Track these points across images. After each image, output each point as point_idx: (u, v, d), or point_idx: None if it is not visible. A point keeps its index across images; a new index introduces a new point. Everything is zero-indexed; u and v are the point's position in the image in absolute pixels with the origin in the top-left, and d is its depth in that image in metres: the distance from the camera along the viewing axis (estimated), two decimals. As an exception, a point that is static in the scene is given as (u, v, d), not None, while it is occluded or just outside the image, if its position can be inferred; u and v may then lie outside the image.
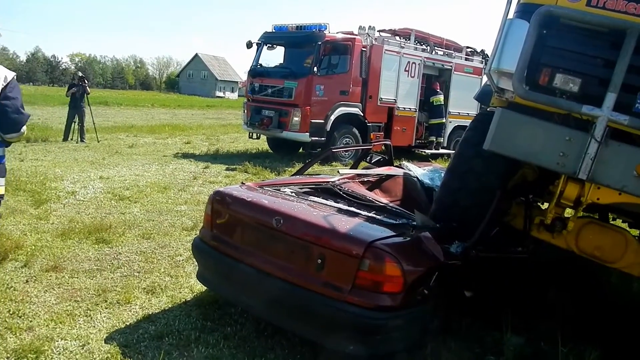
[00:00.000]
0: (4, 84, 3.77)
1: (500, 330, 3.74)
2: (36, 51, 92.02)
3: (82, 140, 13.76)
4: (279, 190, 4.09)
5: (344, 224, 3.40)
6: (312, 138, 12.38)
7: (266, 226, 3.50)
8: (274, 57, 14.25)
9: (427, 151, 15.06)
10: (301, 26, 13.10)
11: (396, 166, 5.74)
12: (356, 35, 13.23)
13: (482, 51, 16.69)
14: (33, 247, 5.15)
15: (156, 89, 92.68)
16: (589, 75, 3.12)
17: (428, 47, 15.11)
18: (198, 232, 5.86)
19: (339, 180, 4.51)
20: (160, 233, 6.05)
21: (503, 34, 3.43)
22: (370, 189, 4.71)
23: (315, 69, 12.15)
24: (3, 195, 4.06)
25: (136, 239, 5.78)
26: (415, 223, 3.68)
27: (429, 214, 4.18)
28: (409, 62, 14.18)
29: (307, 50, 12.76)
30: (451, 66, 15.44)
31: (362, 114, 13.24)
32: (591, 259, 3.86)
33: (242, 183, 4.19)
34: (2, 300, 3.95)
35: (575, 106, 3.02)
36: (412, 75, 14.38)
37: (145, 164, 10.83)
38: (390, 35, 14.63)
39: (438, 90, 15.09)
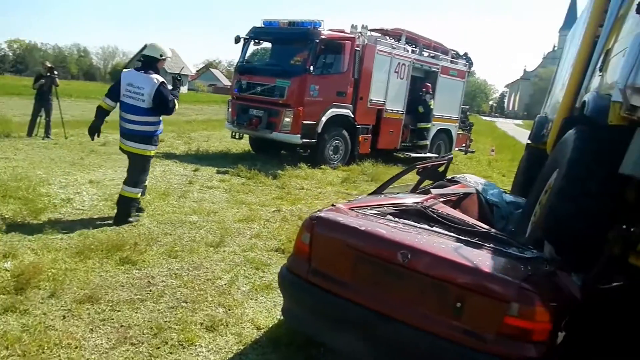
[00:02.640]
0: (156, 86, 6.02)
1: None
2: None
3: (47, 136, 12.59)
4: (373, 213, 3.56)
5: (481, 259, 2.94)
6: (303, 140, 11.82)
7: (388, 261, 2.98)
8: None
9: (411, 154, 14.79)
10: (294, 22, 12.42)
11: (449, 180, 5.34)
12: (349, 34, 12.74)
13: (466, 54, 16.61)
14: (53, 270, 4.39)
15: (100, 80, 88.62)
16: None
17: (417, 49, 14.82)
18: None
19: (427, 201, 4.02)
20: (185, 250, 5.38)
21: None
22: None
23: (311, 68, 11.53)
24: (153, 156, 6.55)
25: (162, 257, 5.10)
26: (546, 256, 3.26)
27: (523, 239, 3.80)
28: (399, 63, 13.84)
29: (297, 47, 12.17)
30: (438, 68, 15.23)
31: (352, 116, 12.77)
32: None
33: (333, 205, 3.62)
34: (47, 345, 3.23)
35: None
36: (402, 76, 14.05)
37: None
38: (381, 35, 14.22)
39: (431, 92, 14.86)
